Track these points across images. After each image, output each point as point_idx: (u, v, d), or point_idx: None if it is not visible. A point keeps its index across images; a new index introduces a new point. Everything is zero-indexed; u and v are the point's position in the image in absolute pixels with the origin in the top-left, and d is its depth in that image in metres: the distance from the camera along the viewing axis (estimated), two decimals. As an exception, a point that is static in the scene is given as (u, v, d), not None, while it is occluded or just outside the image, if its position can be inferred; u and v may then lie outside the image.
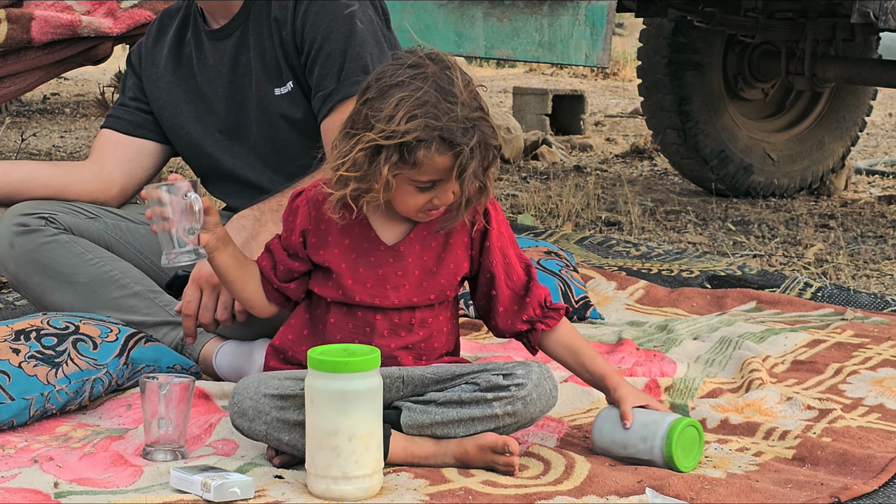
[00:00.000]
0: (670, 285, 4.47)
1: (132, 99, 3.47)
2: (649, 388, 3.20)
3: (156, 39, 3.49)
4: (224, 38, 3.36)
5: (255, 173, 3.38)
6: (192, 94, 3.41)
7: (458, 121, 2.54)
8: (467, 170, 2.55)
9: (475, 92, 2.59)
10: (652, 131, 7.45)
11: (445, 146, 2.54)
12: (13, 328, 2.97)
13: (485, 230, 2.74)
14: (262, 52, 3.31)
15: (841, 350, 3.59)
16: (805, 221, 6.45)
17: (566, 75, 15.09)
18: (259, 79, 3.32)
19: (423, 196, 2.61)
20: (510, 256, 2.78)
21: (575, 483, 2.56)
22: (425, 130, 2.53)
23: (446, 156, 2.55)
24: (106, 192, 3.44)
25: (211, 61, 3.38)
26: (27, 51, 4.16)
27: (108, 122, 3.49)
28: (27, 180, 3.38)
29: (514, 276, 2.77)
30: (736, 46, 7.27)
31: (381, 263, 2.70)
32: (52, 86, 12.55)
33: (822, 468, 2.71)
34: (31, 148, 8.37)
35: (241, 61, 3.34)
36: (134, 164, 3.46)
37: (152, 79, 3.46)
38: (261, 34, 3.31)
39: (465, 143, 2.54)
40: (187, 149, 3.45)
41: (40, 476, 2.55)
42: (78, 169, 3.46)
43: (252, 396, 2.58)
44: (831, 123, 7.48)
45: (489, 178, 2.61)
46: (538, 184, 7.44)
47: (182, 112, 3.42)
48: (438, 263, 2.72)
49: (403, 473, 2.59)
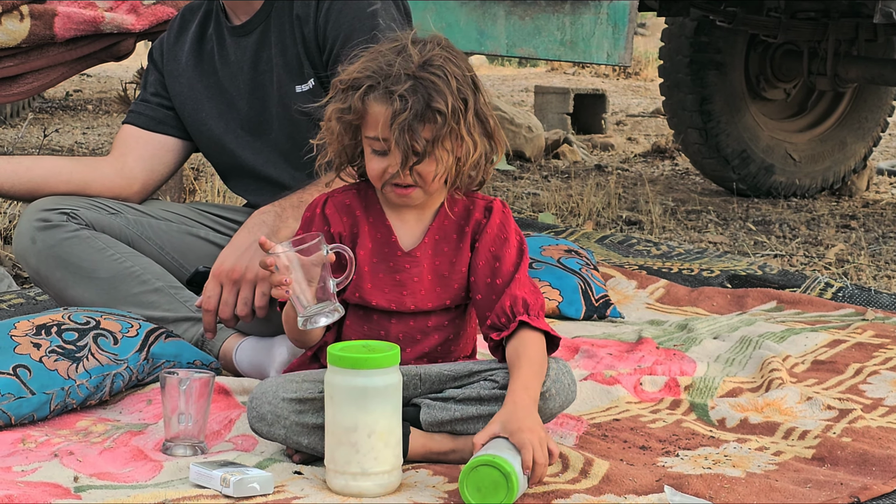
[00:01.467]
0: (691, 284, 4.46)
1: (154, 94, 3.48)
2: (669, 387, 3.20)
3: (178, 35, 3.49)
4: (246, 34, 3.37)
5: (277, 170, 3.38)
6: (214, 90, 3.42)
7: (395, 69, 2.55)
8: (398, 118, 2.53)
9: (445, 67, 2.57)
10: (673, 131, 7.44)
11: (377, 89, 2.55)
12: (34, 323, 2.98)
13: (479, 228, 2.72)
14: (284, 49, 3.31)
15: (861, 350, 3.58)
16: (826, 222, 6.43)
17: (588, 75, 15.08)
18: (280, 76, 3.32)
19: (379, 161, 2.60)
20: (504, 261, 2.70)
21: (593, 482, 2.55)
22: (363, 74, 2.57)
23: (380, 102, 2.55)
24: (128, 187, 3.45)
25: (233, 57, 3.38)
26: (50, 47, 4.17)
27: (129, 117, 3.49)
28: (49, 176, 3.38)
29: (498, 279, 2.70)
30: (758, 46, 7.26)
31: (399, 268, 2.70)
32: (74, 83, 12.58)
33: (842, 468, 2.71)
34: (53, 144, 8.39)
35: (262, 58, 3.35)
36: (155, 159, 3.46)
37: (174, 74, 3.46)
38: (283, 31, 3.31)
39: (395, 89, 2.53)
40: (209, 145, 3.46)
41: (60, 470, 2.55)
42: (100, 165, 3.46)
43: (270, 401, 2.58)
44: (853, 124, 7.46)
45: (443, 147, 2.57)
46: (559, 182, 7.43)
47: (203, 108, 3.42)
48: (451, 268, 2.71)
49: (422, 470, 2.59)
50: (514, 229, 2.74)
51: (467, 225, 2.72)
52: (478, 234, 2.71)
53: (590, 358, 3.43)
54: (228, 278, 3.06)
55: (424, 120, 2.54)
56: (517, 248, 2.72)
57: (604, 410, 3.06)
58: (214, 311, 3.07)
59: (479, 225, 2.71)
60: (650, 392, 3.19)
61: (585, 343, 3.55)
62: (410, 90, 2.53)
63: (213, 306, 3.07)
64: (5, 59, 4.12)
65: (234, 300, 3.07)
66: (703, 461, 2.71)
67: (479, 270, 2.70)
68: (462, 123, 2.57)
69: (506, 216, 2.74)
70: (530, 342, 2.62)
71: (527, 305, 2.66)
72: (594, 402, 3.11)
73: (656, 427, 2.95)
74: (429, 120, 2.55)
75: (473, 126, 2.60)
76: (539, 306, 2.69)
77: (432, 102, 2.54)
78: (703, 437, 2.88)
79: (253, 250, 3.08)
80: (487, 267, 2.70)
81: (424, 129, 2.55)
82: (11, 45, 4.09)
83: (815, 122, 7.48)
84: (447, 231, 2.71)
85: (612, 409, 3.07)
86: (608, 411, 3.05)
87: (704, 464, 2.69)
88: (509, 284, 2.68)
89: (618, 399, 3.13)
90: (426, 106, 2.54)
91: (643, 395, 3.17)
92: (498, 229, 2.71)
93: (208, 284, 3.08)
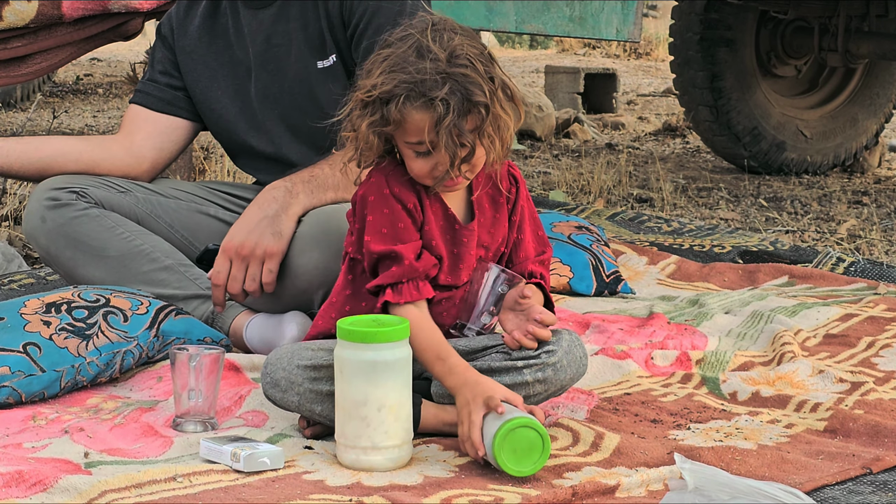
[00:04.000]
0: (702, 260, 4.45)
1: (162, 73, 3.46)
2: (680, 361, 3.19)
3: (187, 9, 3.47)
4: (263, 7, 3.34)
5: (286, 147, 3.37)
6: (228, 66, 3.40)
7: (428, 74, 2.51)
8: (443, 122, 2.51)
9: (468, 53, 2.55)
10: (684, 108, 7.42)
11: (416, 98, 2.52)
12: (44, 301, 2.98)
13: (510, 199, 2.75)
14: (306, 23, 3.29)
15: (873, 324, 3.57)
16: (838, 198, 6.42)
17: (599, 55, 15.05)
18: (301, 51, 3.30)
19: (424, 162, 2.58)
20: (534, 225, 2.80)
21: (604, 455, 2.55)
22: (395, 85, 2.53)
23: (421, 110, 2.52)
24: (137, 166, 3.44)
25: (246, 29, 3.36)
26: (58, 27, 4.17)
27: (137, 97, 3.48)
28: (58, 155, 3.38)
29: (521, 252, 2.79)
30: (768, 23, 7.23)
31: (458, 242, 2.69)
32: (84, 67, 12.59)
33: (854, 440, 2.70)
34: (63, 127, 8.39)
35: (278, 31, 3.33)
36: (164, 138, 3.46)
37: (186, 50, 3.45)
38: (305, 6, 3.29)
39: (435, 95, 2.51)
40: (219, 122, 3.44)
41: (71, 446, 2.56)
42: (109, 144, 3.46)
43: (285, 367, 2.58)
44: (865, 100, 7.44)
45: (487, 135, 2.55)
46: (570, 161, 7.42)
47: (218, 84, 3.41)
48: (490, 238, 2.72)
49: (433, 445, 2.59)
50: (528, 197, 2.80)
51: (499, 195, 2.73)
52: (512, 204, 2.74)
53: (601, 333, 3.43)
54: (238, 254, 3.06)
55: (468, 115, 2.53)
56: (535, 220, 2.81)
57: (615, 385, 3.06)
58: (223, 285, 3.08)
59: (511, 194, 2.74)
60: (661, 366, 3.18)
61: (596, 318, 3.55)
62: (449, 92, 2.51)
63: (223, 281, 3.08)
64: (13, 39, 4.12)
65: (243, 276, 3.07)
66: (714, 434, 2.71)
67: (516, 244, 2.77)
68: (498, 103, 2.57)
69: (522, 185, 2.79)
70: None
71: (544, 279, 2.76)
72: (605, 376, 3.10)
73: (667, 401, 2.94)
74: (472, 114, 2.53)
75: (503, 100, 2.59)
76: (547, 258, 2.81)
77: (472, 97, 2.52)
78: (715, 410, 2.88)
79: (263, 226, 3.08)
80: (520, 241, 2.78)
81: (468, 123, 2.54)
82: (19, 26, 4.08)
83: (827, 99, 7.45)
84: (482, 201, 2.72)
85: (623, 383, 3.07)
86: (619, 385, 3.05)
87: (716, 437, 2.69)
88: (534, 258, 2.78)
89: (629, 373, 3.12)
90: (468, 102, 2.52)
91: (654, 369, 3.17)
92: (525, 199, 2.77)
93: (218, 259, 3.09)
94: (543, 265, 2.78)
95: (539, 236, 2.80)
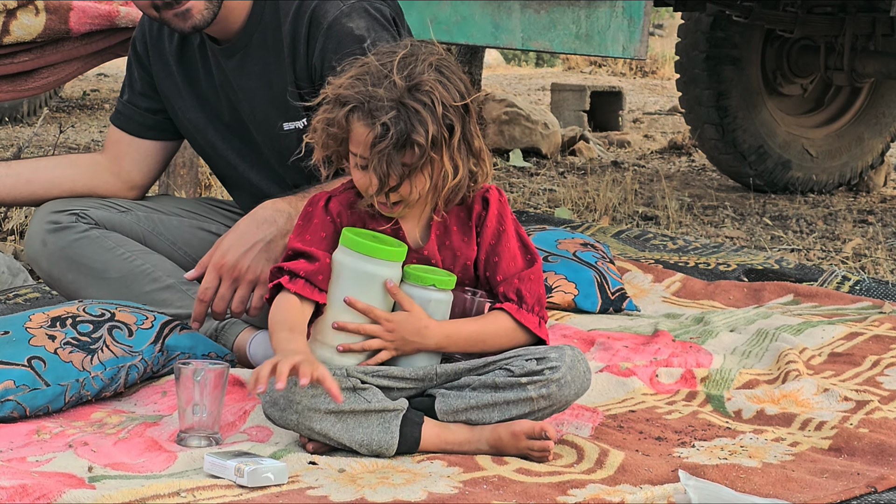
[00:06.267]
0: (707, 278, 4.45)
1: (142, 95, 3.43)
2: (685, 379, 3.19)
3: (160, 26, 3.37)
4: (226, 56, 3.28)
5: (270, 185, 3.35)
6: (200, 99, 3.36)
7: (383, 94, 2.54)
8: (377, 146, 2.53)
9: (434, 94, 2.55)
10: (690, 127, 7.42)
11: (363, 112, 2.55)
12: (49, 315, 2.98)
13: (480, 221, 2.73)
14: (270, 83, 3.24)
15: (878, 343, 3.56)
16: (843, 217, 6.42)
17: (605, 73, 15.07)
18: (266, 111, 3.25)
19: (361, 176, 2.61)
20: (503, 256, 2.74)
21: (608, 472, 2.55)
22: (353, 93, 2.57)
23: (363, 125, 2.56)
24: (128, 191, 3.47)
25: (214, 72, 3.31)
26: (65, 42, 4.17)
27: (118, 119, 3.45)
28: (51, 186, 3.39)
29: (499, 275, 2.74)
30: (774, 41, 7.24)
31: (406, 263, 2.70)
32: (91, 82, 12.61)
33: (859, 458, 2.70)
34: (70, 142, 8.41)
35: (242, 87, 3.27)
36: (150, 160, 3.47)
37: (161, 74, 3.39)
38: (268, 65, 3.24)
39: (379, 117, 2.53)
40: (204, 152, 3.44)
41: (75, 460, 2.55)
42: (99, 171, 3.45)
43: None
44: (870, 119, 7.44)
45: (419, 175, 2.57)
46: (575, 178, 7.42)
47: (196, 117, 3.38)
48: (454, 261, 2.73)
49: (437, 461, 2.59)
50: (511, 218, 2.76)
51: (469, 218, 2.73)
52: (479, 226, 2.72)
53: (606, 350, 3.42)
54: (229, 274, 3.03)
55: (404, 149, 2.54)
56: (516, 240, 2.75)
57: (620, 402, 3.05)
58: (209, 302, 3.04)
59: (481, 217, 2.72)
60: (666, 384, 3.18)
61: (601, 336, 3.55)
62: (393, 119, 2.53)
63: (209, 298, 3.04)
64: (20, 53, 4.12)
65: (231, 295, 3.04)
66: (719, 452, 2.70)
67: (480, 265, 2.74)
68: (444, 151, 2.57)
69: (502, 204, 2.75)
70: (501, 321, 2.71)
71: (521, 297, 2.72)
72: (610, 393, 3.10)
73: (672, 418, 2.94)
74: (409, 149, 2.54)
75: (458, 150, 2.59)
76: (535, 300, 2.74)
77: (413, 133, 2.53)
78: (720, 428, 2.88)
79: (257, 250, 3.06)
80: (489, 262, 2.73)
81: (404, 157, 2.55)
82: (27, 40, 4.08)
83: (832, 118, 7.46)
84: (448, 224, 2.72)
85: (627, 400, 3.06)
86: (624, 403, 3.05)
87: (720, 454, 2.69)
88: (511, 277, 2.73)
89: (634, 391, 3.12)
90: (406, 137, 2.53)
91: (659, 386, 3.17)
92: (497, 221, 2.73)
93: (208, 275, 3.03)
94: (522, 282, 2.73)
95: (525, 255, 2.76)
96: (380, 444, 2.58)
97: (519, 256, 2.74)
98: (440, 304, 2.68)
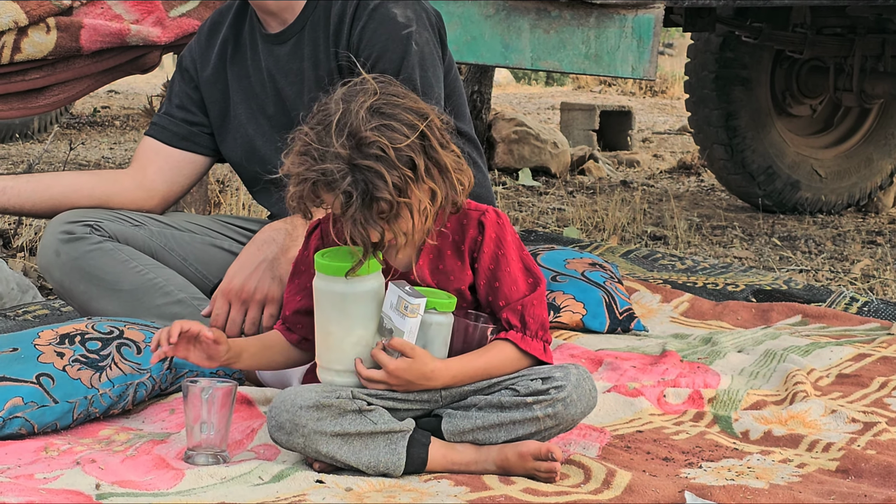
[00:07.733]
0: (715, 299, 4.45)
1: (179, 107, 3.47)
2: (692, 400, 3.19)
3: (208, 39, 3.47)
4: (280, 43, 3.35)
5: None
6: (248, 93, 3.40)
7: (332, 168, 2.51)
8: (346, 213, 2.53)
9: (378, 142, 2.52)
10: (699, 147, 7.43)
11: (323, 185, 2.54)
12: (58, 332, 2.98)
13: (475, 246, 2.70)
14: (317, 63, 3.30)
15: (887, 364, 3.56)
16: (852, 237, 6.41)
17: (614, 93, 15.08)
18: (312, 89, 3.30)
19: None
20: (503, 281, 2.70)
21: (615, 493, 2.55)
22: (306, 171, 2.55)
23: (331, 195, 2.54)
24: (149, 200, 3.45)
25: (264, 63, 3.38)
26: (76, 59, 4.18)
27: (152, 130, 3.49)
28: (70, 192, 3.40)
29: (501, 301, 2.70)
30: (784, 62, 7.25)
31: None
32: (102, 99, 12.64)
33: (866, 480, 2.69)
34: (80, 159, 8.42)
35: (293, 69, 3.33)
36: (176, 172, 3.46)
37: (210, 81, 3.44)
38: (316, 45, 3.30)
39: (338, 187, 2.52)
40: (240, 150, 3.43)
41: (82, 478, 2.56)
42: (120, 178, 3.47)
43: (288, 409, 2.58)
44: (880, 140, 7.45)
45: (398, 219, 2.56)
46: (584, 198, 7.43)
47: (240, 111, 3.41)
48: (448, 286, 2.70)
49: (444, 481, 2.59)
50: (512, 241, 2.71)
51: (463, 243, 2.70)
52: (475, 252, 2.70)
53: (613, 370, 3.42)
54: (237, 297, 3.07)
55: (372, 206, 2.52)
56: (518, 262, 2.71)
57: (627, 422, 3.05)
58: (222, 327, 3.08)
59: (476, 243, 2.70)
60: (674, 404, 3.18)
61: (609, 356, 3.54)
62: (352, 184, 2.51)
63: (221, 324, 3.09)
64: (32, 71, 4.14)
65: (242, 319, 3.08)
66: (726, 473, 2.70)
67: (482, 291, 2.71)
68: (413, 188, 2.55)
69: (501, 227, 2.71)
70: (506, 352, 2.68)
71: (524, 323, 2.69)
72: (617, 413, 3.10)
73: (679, 439, 2.94)
74: (376, 205, 2.52)
75: (428, 178, 2.57)
76: (539, 325, 2.71)
77: (375, 191, 2.51)
78: (727, 448, 2.87)
79: (262, 270, 3.08)
80: (488, 286, 2.70)
81: (376, 212, 2.53)
82: (38, 58, 4.10)
83: (842, 139, 7.46)
84: (442, 248, 2.70)
85: (635, 420, 3.06)
86: (631, 423, 3.04)
87: (727, 475, 2.68)
88: (513, 302, 2.70)
89: (641, 411, 3.12)
90: (370, 196, 2.51)
91: (667, 407, 3.17)
92: (495, 245, 2.70)
93: (218, 301, 3.08)
94: (525, 308, 2.70)
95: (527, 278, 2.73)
96: (387, 465, 2.58)
97: (521, 280, 2.71)
98: (441, 328, 2.65)
